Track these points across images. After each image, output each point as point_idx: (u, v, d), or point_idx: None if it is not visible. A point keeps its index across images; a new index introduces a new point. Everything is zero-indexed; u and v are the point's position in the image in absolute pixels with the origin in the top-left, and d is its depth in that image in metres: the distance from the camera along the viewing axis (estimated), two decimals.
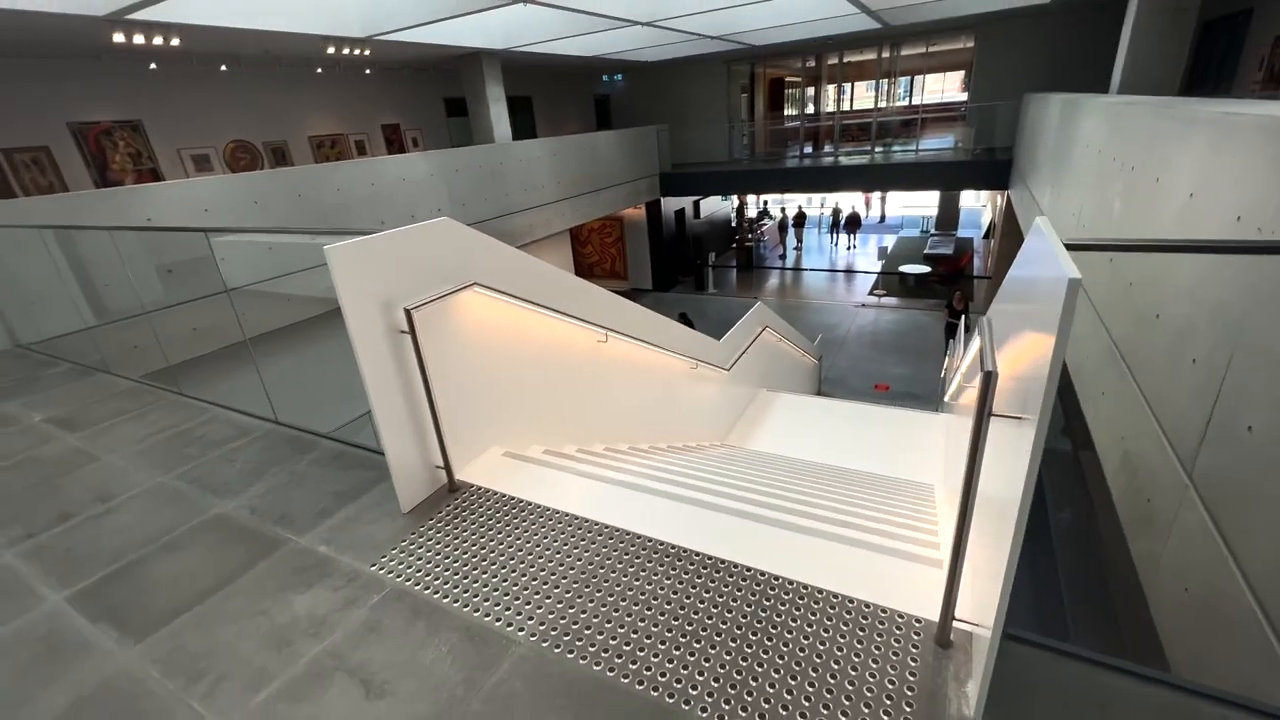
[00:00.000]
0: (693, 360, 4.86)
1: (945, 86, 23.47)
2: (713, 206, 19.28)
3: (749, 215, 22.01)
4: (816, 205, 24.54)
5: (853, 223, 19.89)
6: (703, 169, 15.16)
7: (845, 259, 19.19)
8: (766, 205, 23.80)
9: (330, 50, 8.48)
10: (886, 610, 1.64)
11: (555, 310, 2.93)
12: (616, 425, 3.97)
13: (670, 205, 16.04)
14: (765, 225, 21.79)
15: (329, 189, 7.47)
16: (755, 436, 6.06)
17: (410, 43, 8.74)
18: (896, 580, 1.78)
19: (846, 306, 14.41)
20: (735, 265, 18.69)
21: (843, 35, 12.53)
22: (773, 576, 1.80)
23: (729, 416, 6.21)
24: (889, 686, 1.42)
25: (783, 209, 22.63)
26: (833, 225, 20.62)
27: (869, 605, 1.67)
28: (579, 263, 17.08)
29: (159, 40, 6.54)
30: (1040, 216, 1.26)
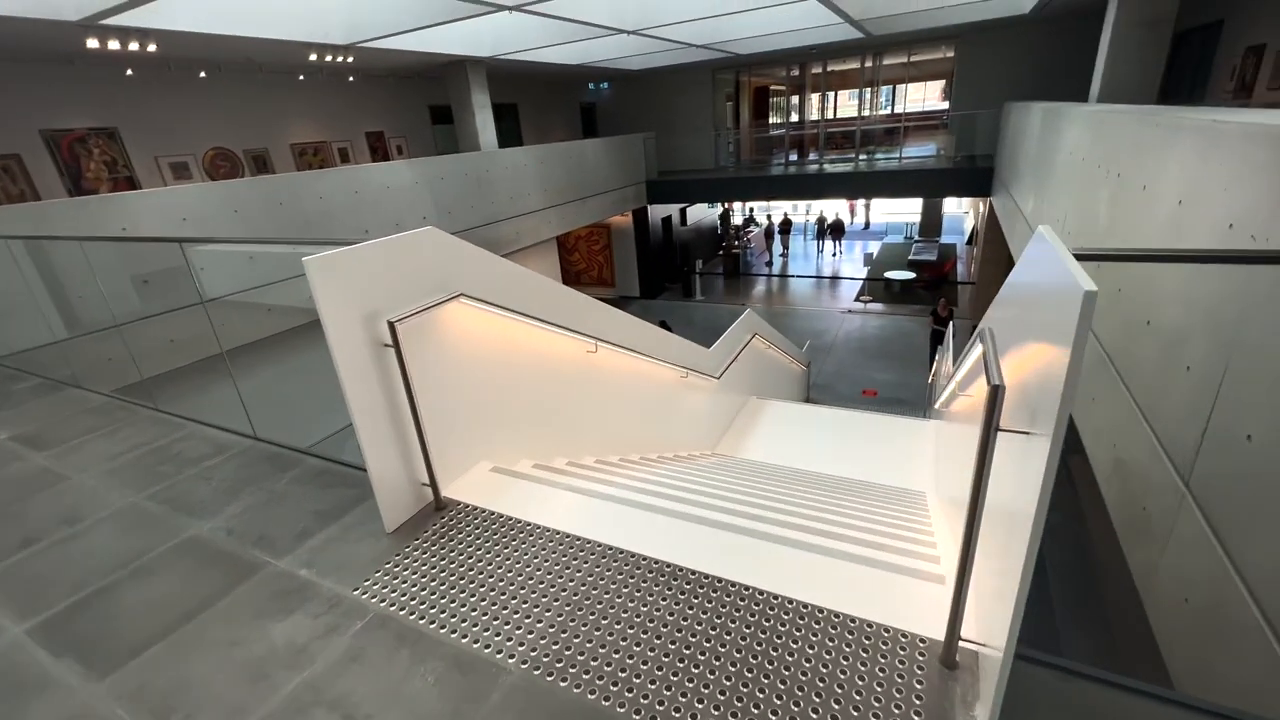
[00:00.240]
0: (683, 369, 4.82)
1: (927, 95, 23.82)
2: (699, 214, 19.35)
3: (735, 222, 22.11)
4: (802, 212, 24.73)
5: (837, 230, 20.07)
6: (689, 176, 15.22)
7: (831, 265, 19.34)
8: (752, 212, 23.93)
9: (313, 57, 8.37)
10: (890, 630, 1.60)
11: (544, 321, 2.87)
12: (607, 436, 3.91)
13: (657, 212, 16.07)
14: (751, 232, 21.91)
15: (311, 197, 7.34)
16: (746, 445, 6.02)
17: (394, 50, 8.66)
18: (897, 597, 1.74)
19: (833, 313, 14.49)
20: (722, 272, 18.76)
21: (826, 45, 12.67)
22: (771, 595, 1.75)
23: (719, 425, 6.17)
24: (895, 712, 1.38)
25: (768, 216, 22.77)
26: (818, 232, 20.78)
27: (871, 624, 1.62)
28: (566, 270, 17.02)
29: (135, 46, 6.40)
30: (1043, 225, 1.23)
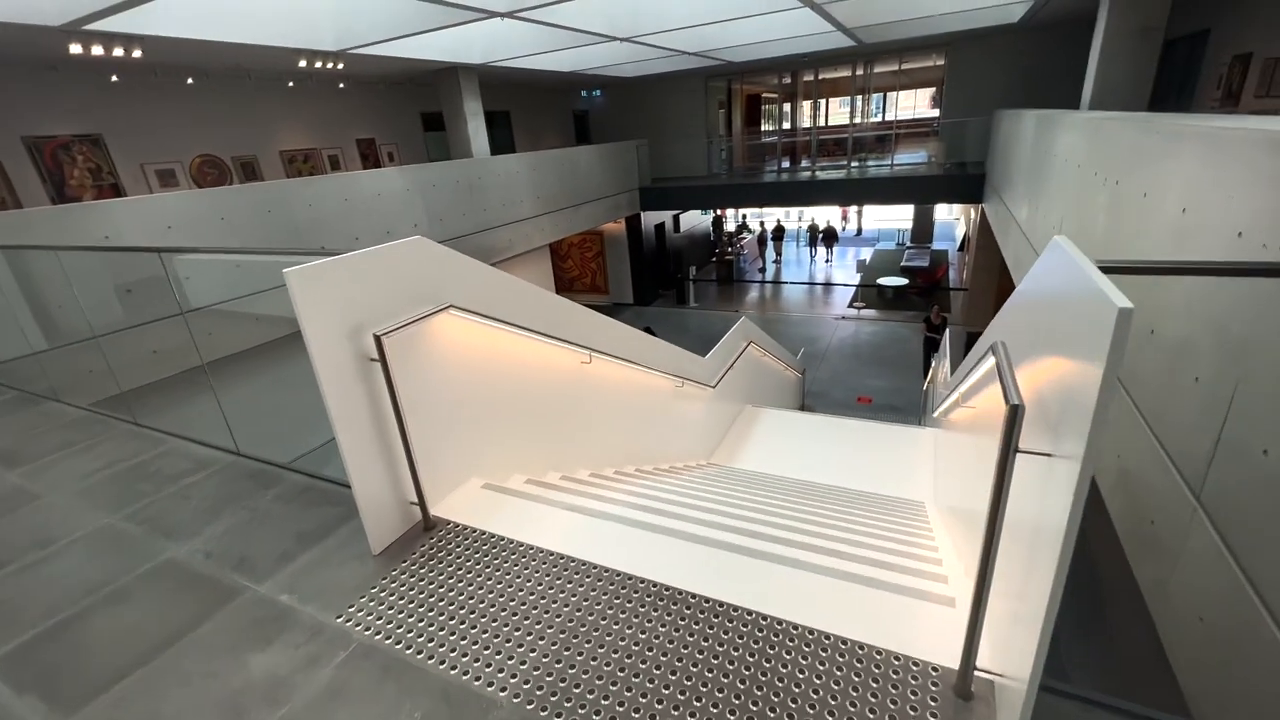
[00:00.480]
0: (679, 378, 4.75)
1: (917, 103, 24.03)
2: (692, 221, 19.36)
3: (728, 229, 22.14)
4: (795, 219, 24.81)
5: (829, 237, 20.13)
6: (682, 183, 15.20)
7: (824, 272, 19.38)
8: (745, 219, 23.98)
9: (302, 63, 8.28)
10: (900, 657, 1.53)
11: (537, 333, 2.79)
12: (601, 449, 3.83)
13: (650, 219, 16.05)
14: (744, 239, 21.94)
15: (300, 205, 7.24)
16: (742, 454, 5.95)
17: (385, 56, 8.59)
18: (904, 621, 1.67)
19: (826, 319, 14.49)
20: (716, 279, 18.75)
21: (818, 53, 12.73)
22: (775, 620, 1.67)
23: (715, 434, 6.10)
24: None
25: (761, 223, 22.82)
26: (810, 240, 20.85)
27: (880, 651, 1.55)
28: (559, 277, 16.95)
29: (120, 52, 6.29)
30: (1060, 236, 1.18)
